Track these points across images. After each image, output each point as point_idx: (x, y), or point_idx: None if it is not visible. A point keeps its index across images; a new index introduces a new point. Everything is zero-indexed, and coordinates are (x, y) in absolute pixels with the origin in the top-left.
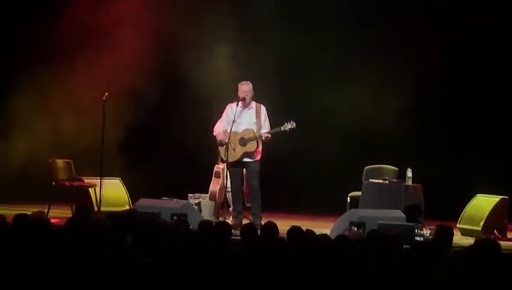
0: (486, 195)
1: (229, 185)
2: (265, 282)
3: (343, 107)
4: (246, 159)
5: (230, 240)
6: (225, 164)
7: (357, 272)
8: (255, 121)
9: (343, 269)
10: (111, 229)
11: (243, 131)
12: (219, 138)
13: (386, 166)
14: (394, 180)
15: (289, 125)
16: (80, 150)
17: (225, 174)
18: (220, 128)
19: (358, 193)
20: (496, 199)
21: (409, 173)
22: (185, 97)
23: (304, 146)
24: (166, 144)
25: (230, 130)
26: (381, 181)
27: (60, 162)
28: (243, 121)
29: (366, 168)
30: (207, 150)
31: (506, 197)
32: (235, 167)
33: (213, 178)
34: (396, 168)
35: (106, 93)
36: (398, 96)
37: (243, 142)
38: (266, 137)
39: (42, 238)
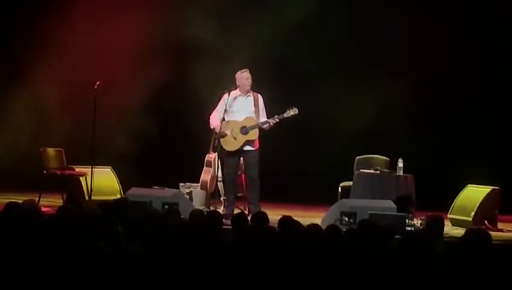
0: (477, 185)
1: (220, 174)
2: (256, 271)
3: (335, 98)
4: (247, 148)
5: (222, 230)
6: (216, 153)
7: (348, 262)
8: (253, 109)
9: (333, 259)
10: (102, 218)
11: (244, 119)
12: (218, 130)
13: (377, 156)
14: (385, 170)
15: (292, 112)
16: (71, 138)
17: (216, 164)
18: (216, 119)
19: (350, 183)
20: (486, 189)
21: (400, 163)
22: (177, 87)
23: (295, 136)
24: (158, 132)
25: (224, 119)
26: (372, 171)
27: (51, 151)
28: (241, 110)
29: (357, 158)
30: (198, 139)
31: (497, 187)
32: (234, 156)
33: (204, 167)
34: (388, 158)
35: (98, 82)
36: (390, 87)
37: (245, 130)
38: (275, 123)
39: (33, 227)
